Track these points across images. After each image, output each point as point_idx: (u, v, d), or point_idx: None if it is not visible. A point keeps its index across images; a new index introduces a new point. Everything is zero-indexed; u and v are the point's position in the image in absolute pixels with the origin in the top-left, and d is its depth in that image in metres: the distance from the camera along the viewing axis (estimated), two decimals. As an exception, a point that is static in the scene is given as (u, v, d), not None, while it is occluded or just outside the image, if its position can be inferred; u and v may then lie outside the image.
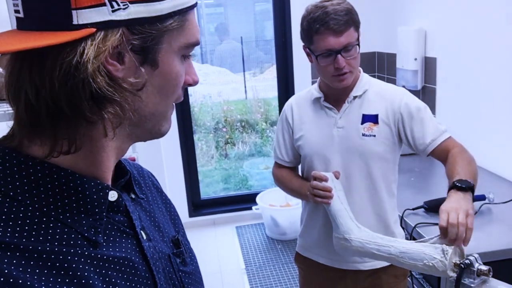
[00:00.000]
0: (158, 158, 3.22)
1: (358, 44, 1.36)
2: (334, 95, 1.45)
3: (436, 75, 2.54)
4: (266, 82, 5.10)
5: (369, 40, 3.21)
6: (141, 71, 0.49)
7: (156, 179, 0.72)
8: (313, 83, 1.53)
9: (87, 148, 0.49)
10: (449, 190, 1.21)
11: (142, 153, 2.80)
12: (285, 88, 3.51)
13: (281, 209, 3.34)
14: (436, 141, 1.39)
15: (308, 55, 1.43)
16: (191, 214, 3.64)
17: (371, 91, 1.43)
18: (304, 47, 1.43)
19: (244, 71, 5.76)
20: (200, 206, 3.72)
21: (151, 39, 0.48)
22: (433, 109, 2.60)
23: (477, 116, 2.22)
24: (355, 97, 1.43)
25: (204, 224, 3.65)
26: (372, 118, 1.41)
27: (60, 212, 0.47)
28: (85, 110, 0.45)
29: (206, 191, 4.46)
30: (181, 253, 0.63)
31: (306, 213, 1.57)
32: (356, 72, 1.41)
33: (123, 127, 0.50)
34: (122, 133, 0.51)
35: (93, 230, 0.49)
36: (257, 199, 3.42)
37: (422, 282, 1.86)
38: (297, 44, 3.30)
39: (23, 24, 0.47)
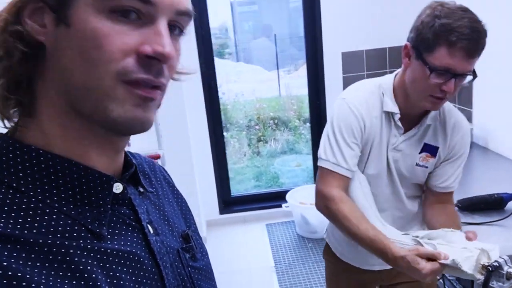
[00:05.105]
0: (188, 155, 3.25)
1: (475, 74, 1.15)
2: (408, 113, 1.25)
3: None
4: (301, 79, 5.08)
5: (401, 31, 3.12)
6: (58, 30, 0.46)
7: (168, 174, 0.72)
8: (344, 80, 1.30)
9: (57, 130, 0.49)
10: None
11: (170, 151, 2.84)
12: (315, 86, 3.46)
13: (311, 207, 3.29)
14: (448, 188, 1.34)
15: (407, 56, 1.18)
16: (222, 211, 3.66)
17: (440, 119, 1.29)
18: (410, 48, 1.17)
19: (278, 68, 5.74)
20: (230, 203, 3.74)
21: None
22: (469, 105, 2.50)
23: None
24: (428, 125, 1.27)
25: (235, 221, 3.66)
26: (432, 150, 1.29)
27: (64, 204, 0.47)
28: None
29: (238, 189, 4.48)
30: (190, 248, 0.62)
31: None
32: None
33: (57, 99, 0.48)
34: (59, 109, 0.48)
35: (97, 222, 0.49)
36: (287, 196, 3.40)
37: (455, 284, 1.79)
38: (328, 41, 3.26)
39: None
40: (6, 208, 0.44)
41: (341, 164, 1.23)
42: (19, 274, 0.41)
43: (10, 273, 0.41)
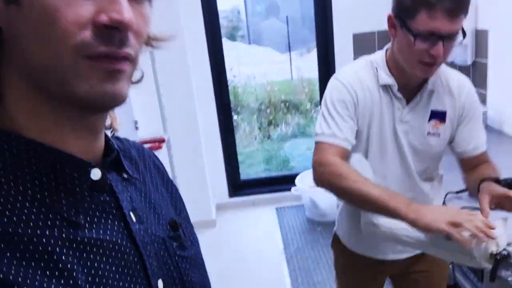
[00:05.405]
0: (196, 139, 3.24)
1: (464, 33, 1.11)
2: (406, 84, 1.22)
3: (487, 49, 2.35)
4: (313, 62, 5.05)
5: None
6: (9, 10, 0.42)
7: (158, 160, 0.69)
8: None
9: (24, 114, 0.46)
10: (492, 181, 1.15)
11: (178, 134, 2.83)
12: (326, 68, 3.40)
13: (320, 190, 3.27)
14: (477, 149, 1.29)
15: (392, 27, 1.17)
16: (231, 195, 3.66)
17: (441, 83, 1.26)
18: (393, 18, 1.16)
19: (289, 50, 5.67)
20: (240, 187, 3.73)
21: None
22: (484, 86, 2.42)
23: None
24: (431, 92, 1.24)
25: (244, 205, 3.66)
26: (440, 116, 1.25)
27: (37, 191, 0.45)
28: None
29: (248, 172, 4.47)
30: (178, 236, 0.59)
31: (347, 210, 1.42)
32: None
33: (22, 83, 0.45)
34: (26, 93, 0.45)
35: (73, 210, 0.46)
36: (297, 180, 3.37)
37: (464, 270, 1.76)
38: (339, 22, 3.18)
39: None
40: None
41: (337, 134, 1.20)
42: None
43: None
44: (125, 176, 0.56)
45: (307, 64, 5.34)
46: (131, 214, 0.53)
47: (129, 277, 0.49)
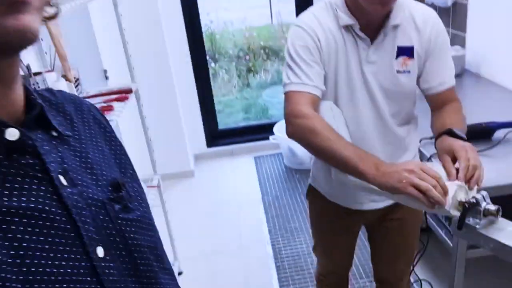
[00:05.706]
0: (170, 89, 3.14)
1: None
2: (368, 22, 1.17)
3: (469, -11, 2.26)
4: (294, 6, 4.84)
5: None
6: None
7: (100, 114, 0.63)
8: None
9: None
10: (447, 135, 1.13)
11: (149, 85, 2.72)
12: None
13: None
14: (444, 84, 1.23)
15: None
16: (209, 145, 3.62)
17: (405, 17, 1.19)
18: None
19: (269, -8, 5.42)
20: (218, 136, 3.68)
21: None
22: (463, 28, 2.36)
23: (512, 35, 1.99)
24: (394, 27, 1.18)
25: (222, 155, 3.64)
26: (407, 51, 1.20)
27: None
28: None
29: (227, 122, 4.41)
30: (121, 198, 0.54)
31: (320, 162, 1.38)
32: None
33: None
34: None
35: None
36: (275, 129, 3.34)
37: (439, 217, 1.78)
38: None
39: None
40: None
41: (306, 82, 1.16)
42: None
43: None
44: (55, 134, 0.50)
45: (288, 7, 5.14)
46: (61, 177, 0.47)
47: (62, 246, 0.45)
